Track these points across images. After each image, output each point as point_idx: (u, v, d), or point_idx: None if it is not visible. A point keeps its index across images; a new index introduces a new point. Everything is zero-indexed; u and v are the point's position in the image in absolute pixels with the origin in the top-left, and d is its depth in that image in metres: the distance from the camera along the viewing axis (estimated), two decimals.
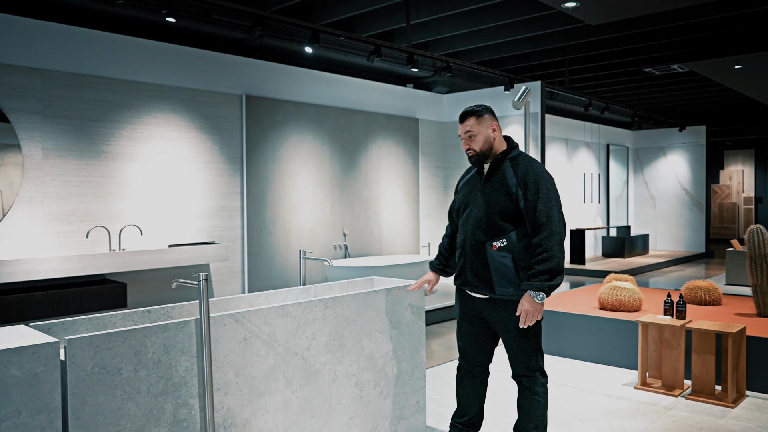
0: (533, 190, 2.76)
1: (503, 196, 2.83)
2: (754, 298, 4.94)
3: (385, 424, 3.20)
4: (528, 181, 2.79)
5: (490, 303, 2.89)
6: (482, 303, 2.93)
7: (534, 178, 2.79)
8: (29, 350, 2.00)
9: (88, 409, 2.13)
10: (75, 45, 5.83)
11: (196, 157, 6.67)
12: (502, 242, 2.80)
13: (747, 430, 3.50)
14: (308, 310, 2.82)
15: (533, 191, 2.76)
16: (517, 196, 2.80)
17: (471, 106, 2.95)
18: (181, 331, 2.37)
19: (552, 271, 2.69)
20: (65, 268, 5.40)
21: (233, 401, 2.54)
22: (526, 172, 2.82)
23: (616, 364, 4.77)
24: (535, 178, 2.79)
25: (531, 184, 2.78)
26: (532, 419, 2.89)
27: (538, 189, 2.76)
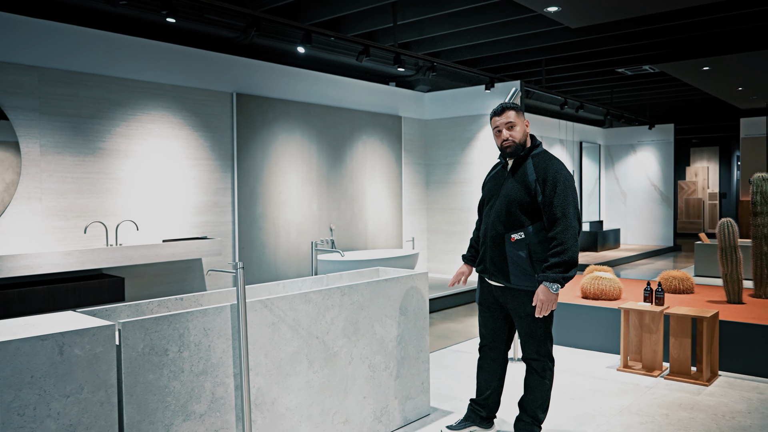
0: (551, 186, 2.97)
1: (523, 190, 3.04)
2: (725, 286, 5.31)
3: (395, 403, 3.44)
4: (547, 178, 3.00)
5: (505, 291, 3.13)
6: (499, 290, 3.17)
7: (552, 174, 3.00)
8: (90, 332, 2.19)
9: (139, 387, 2.33)
10: (71, 43, 5.92)
11: (189, 153, 6.81)
12: (520, 235, 3.02)
13: (721, 404, 3.82)
14: (328, 297, 3.04)
15: (551, 187, 2.97)
16: (536, 191, 3.00)
17: (506, 102, 3.19)
18: (218, 315, 2.58)
19: (566, 264, 2.91)
20: (65, 262, 5.51)
21: (263, 381, 2.75)
22: (545, 168, 3.03)
23: (598, 348, 5.08)
24: (553, 175, 3.00)
25: (549, 181, 2.99)
26: (537, 399, 3.14)
27: (556, 185, 2.97)
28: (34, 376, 2.06)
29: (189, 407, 2.48)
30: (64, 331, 2.13)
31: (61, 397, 2.11)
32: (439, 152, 9.82)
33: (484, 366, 3.36)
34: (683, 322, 4.32)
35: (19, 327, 2.19)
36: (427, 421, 3.58)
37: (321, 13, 7.51)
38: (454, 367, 4.68)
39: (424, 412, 3.65)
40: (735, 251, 5.27)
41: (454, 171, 9.64)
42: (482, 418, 3.37)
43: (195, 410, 2.50)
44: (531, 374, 3.17)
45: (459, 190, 9.58)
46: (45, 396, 2.08)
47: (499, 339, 3.30)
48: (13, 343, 2.01)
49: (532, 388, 3.16)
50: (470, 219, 9.41)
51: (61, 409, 2.11)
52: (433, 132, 9.90)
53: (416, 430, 3.45)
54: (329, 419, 3.07)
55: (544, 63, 10.31)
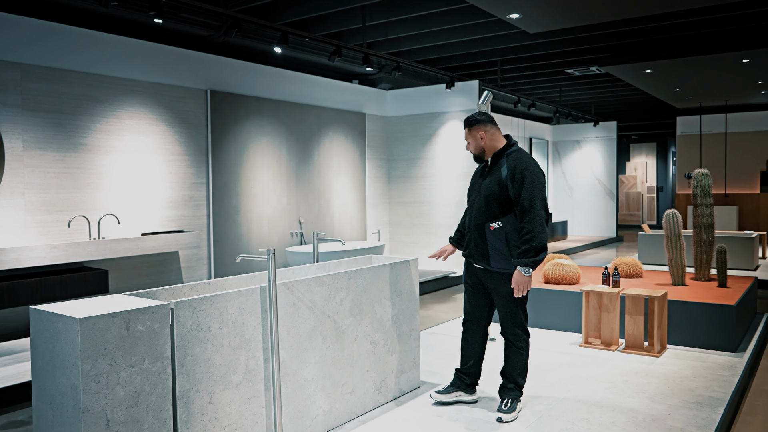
0: (519, 181, 3.42)
1: (497, 186, 3.50)
2: (670, 270, 5.92)
3: (391, 376, 3.83)
4: (516, 174, 3.45)
5: (486, 273, 3.59)
6: (481, 272, 3.63)
7: (521, 170, 3.44)
8: (150, 310, 2.49)
9: (188, 359, 2.64)
10: (52, 40, 6.03)
11: (165, 149, 6.99)
12: (498, 224, 3.48)
13: (671, 371, 4.37)
14: (337, 280, 3.40)
15: (519, 181, 3.42)
16: (507, 186, 3.45)
17: (468, 117, 3.67)
18: (250, 297, 2.90)
19: (535, 249, 3.38)
20: (52, 255, 5.66)
21: (286, 355, 3.10)
22: (516, 165, 3.47)
23: (561, 328, 5.61)
24: (521, 171, 3.44)
25: (518, 176, 3.44)
26: (516, 367, 3.62)
27: (523, 179, 3.42)
28: (107, 348, 2.35)
29: (227, 377, 2.80)
30: (130, 309, 2.42)
31: (127, 366, 2.41)
32: (401, 148, 10.23)
33: (467, 339, 3.81)
34: (637, 301, 4.87)
35: (86, 306, 2.46)
36: (418, 392, 3.99)
37: (291, 13, 7.80)
38: (434, 347, 5.11)
39: (416, 384, 4.06)
40: (679, 239, 5.88)
41: (415, 166, 10.07)
42: (467, 384, 3.81)
43: (232, 380, 2.82)
44: (509, 347, 3.63)
45: (420, 184, 10.02)
46: (115, 366, 2.37)
47: (481, 315, 3.76)
48: (91, 319, 2.30)
49: (511, 358, 3.63)
50: (431, 212, 9.87)
51: (128, 377, 2.41)
52: (395, 128, 10.30)
53: (409, 400, 3.85)
54: (339, 390, 3.43)
55: (500, 63, 10.85)
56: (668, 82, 11.76)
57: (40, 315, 2.43)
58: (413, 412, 3.65)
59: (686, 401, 3.79)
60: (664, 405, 3.72)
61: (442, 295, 8.10)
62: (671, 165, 20.98)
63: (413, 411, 3.67)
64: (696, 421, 3.48)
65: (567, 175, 15.64)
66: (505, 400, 3.59)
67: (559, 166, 15.75)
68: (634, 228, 19.13)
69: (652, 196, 20.15)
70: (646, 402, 3.78)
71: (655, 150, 20.58)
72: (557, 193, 15.78)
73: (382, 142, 10.34)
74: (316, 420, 3.28)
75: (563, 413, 3.61)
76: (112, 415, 2.36)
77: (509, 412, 3.52)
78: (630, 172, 20.55)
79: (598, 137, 15.24)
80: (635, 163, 20.54)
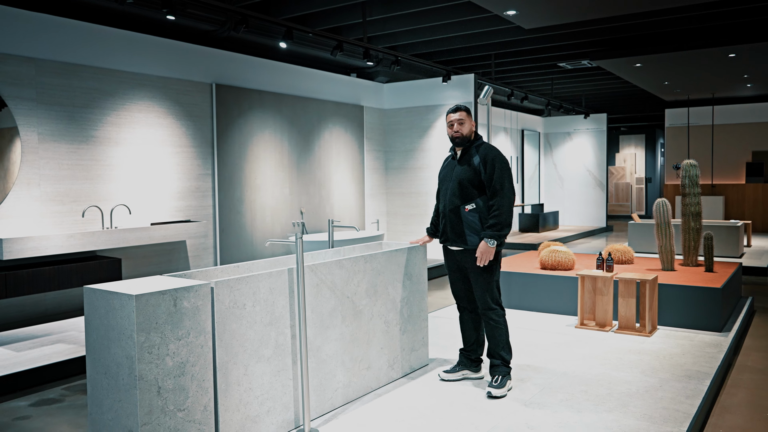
0: (491, 166, 3.84)
1: (471, 171, 3.89)
2: (660, 256, 6.23)
3: (403, 354, 4.10)
4: (487, 160, 3.86)
5: (464, 253, 3.90)
6: (459, 254, 3.94)
7: (492, 158, 3.86)
8: (194, 289, 2.74)
9: (227, 334, 2.89)
10: (65, 36, 6.22)
11: (173, 141, 7.21)
12: (472, 205, 3.86)
13: (661, 350, 4.68)
14: (355, 263, 3.66)
15: (491, 167, 3.84)
16: (480, 171, 3.85)
17: (464, 103, 4.03)
18: (279, 278, 3.16)
19: (501, 224, 3.76)
20: (68, 244, 5.87)
21: (310, 332, 3.36)
22: (486, 154, 3.89)
23: (557, 311, 5.90)
24: (492, 158, 3.86)
25: (489, 162, 3.85)
26: (499, 342, 3.89)
27: (494, 165, 3.83)
28: (158, 322, 2.60)
29: (260, 351, 3.06)
30: (177, 288, 2.67)
31: (175, 339, 2.66)
32: (398, 140, 10.48)
33: (464, 320, 4.12)
34: (629, 285, 5.16)
35: (136, 285, 2.71)
36: (427, 369, 4.26)
37: (293, 8, 8.01)
38: (439, 328, 5.39)
39: (425, 362, 4.33)
40: (668, 227, 6.19)
41: (412, 157, 10.33)
42: (471, 360, 4.09)
43: (264, 354, 3.08)
44: (488, 323, 3.91)
45: (417, 175, 10.28)
46: (165, 339, 2.62)
47: (470, 296, 4.05)
48: (145, 296, 2.54)
49: (491, 336, 3.91)
50: (427, 203, 10.14)
51: (176, 349, 2.66)
52: (392, 121, 10.54)
53: (420, 376, 4.12)
54: (357, 365, 3.70)
55: (494, 57, 11.11)
56: (657, 76, 12.08)
57: (94, 293, 2.67)
58: (424, 386, 3.92)
59: (676, 375, 4.09)
60: (655, 378, 4.02)
61: (440, 282, 8.38)
62: (659, 156, 21.38)
63: (424, 385, 3.94)
64: (685, 392, 3.78)
65: (558, 166, 15.96)
66: (495, 377, 3.84)
67: (550, 158, 16.06)
68: (624, 218, 19.52)
69: (640, 187, 20.54)
70: (639, 376, 4.07)
71: (643, 142, 20.95)
72: (548, 184, 16.10)
73: (380, 134, 10.59)
74: (336, 393, 3.55)
75: (563, 386, 3.90)
76: (163, 383, 2.61)
77: (499, 388, 3.76)
78: (619, 164, 20.92)
79: (589, 129, 15.56)
80: (624, 155, 20.91)
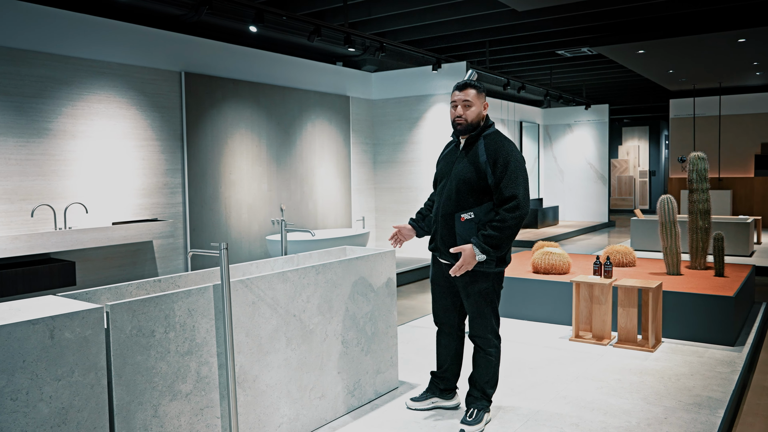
0: (502, 167, 3.00)
1: (473, 171, 3.06)
2: (665, 258, 5.66)
3: (366, 377, 3.55)
4: (498, 159, 3.02)
5: None
6: (449, 269, 3.20)
7: (504, 156, 3.02)
8: (79, 315, 2.19)
9: (128, 368, 2.34)
10: (11, 18, 5.67)
11: (137, 134, 6.65)
12: (469, 215, 3.04)
13: (666, 368, 4.12)
14: (304, 276, 3.11)
15: (501, 168, 3.00)
16: (486, 172, 3.03)
17: (471, 80, 3.19)
18: (202, 296, 2.61)
19: (500, 240, 2.95)
20: (13, 247, 5.34)
21: (245, 359, 2.81)
22: (497, 149, 3.05)
23: (550, 320, 5.34)
24: (504, 156, 3.02)
25: (500, 162, 3.01)
26: (484, 375, 3.23)
27: (507, 166, 3.00)
28: (26, 360, 2.05)
29: (175, 387, 2.51)
30: (55, 315, 2.12)
31: (52, 380, 2.11)
32: (387, 132, 9.91)
33: (441, 341, 3.46)
34: (630, 293, 4.60)
35: (5, 312, 2.16)
36: (396, 393, 3.71)
37: None
38: (416, 341, 4.84)
39: (393, 385, 3.78)
40: (674, 226, 5.61)
41: (401, 150, 9.76)
42: (441, 390, 3.46)
43: (181, 390, 2.53)
44: (477, 351, 3.25)
45: (407, 169, 9.71)
46: (37, 380, 2.07)
47: (451, 316, 3.36)
48: (5, 328, 1.99)
49: (479, 365, 3.25)
50: (418, 198, 9.57)
51: (53, 392, 2.12)
52: (380, 112, 9.97)
53: (386, 403, 3.57)
54: (307, 395, 3.15)
55: (488, 44, 10.51)
56: (661, 64, 11.46)
57: None
58: (389, 417, 3.37)
59: (683, 402, 3.53)
60: (659, 407, 3.46)
61: (427, 284, 7.82)
62: (664, 149, 20.74)
63: (389, 415, 3.39)
64: (694, 425, 3.21)
65: (558, 160, 15.36)
66: (471, 410, 3.23)
67: (550, 150, 15.46)
68: (626, 213, 18.92)
69: (644, 181, 19.92)
70: (640, 404, 3.51)
71: (647, 134, 20.32)
72: (548, 178, 15.50)
73: (367, 126, 10.02)
74: (280, 428, 3.00)
75: (551, 417, 3.34)
76: None
77: (473, 424, 3.15)
78: (622, 156, 20.30)
79: (590, 121, 14.95)
80: (627, 147, 20.28)
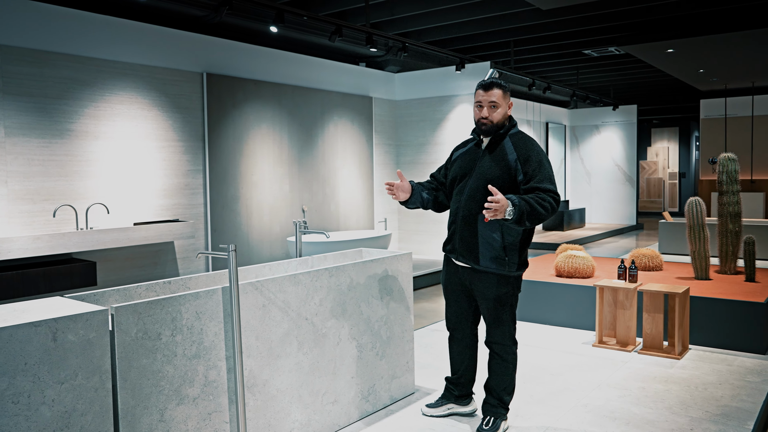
0: (535, 165, 2.95)
1: (502, 170, 2.98)
2: (693, 263, 5.48)
3: (381, 383, 3.47)
4: (530, 157, 2.97)
5: (473, 273, 3.07)
6: (466, 272, 3.11)
7: (536, 154, 2.99)
8: (83, 317, 2.15)
9: (133, 372, 2.30)
10: (35, 20, 5.72)
11: (159, 135, 6.67)
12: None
13: (693, 377, 3.97)
14: (316, 278, 3.04)
15: (535, 166, 2.94)
16: (516, 170, 2.96)
17: (496, 78, 3.11)
18: (210, 298, 2.56)
19: (534, 212, 2.80)
20: (35, 247, 5.38)
21: (254, 363, 2.75)
22: (527, 148, 3.00)
23: (572, 325, 5.20)
24: (537, 155, 2.99)
25: (533, 159, 2.96)
26: (501, 382, 3.13)
27: (541, 164, 2.96)
28: (28, 363, 2.02)
29: (182, 391, 2.46)
30: (58, 317, 2.09)
31: (55, 383, 2.08)
32: (410, 133, 9.83)
33: (453, 347, 3.36)
34: (656, 298, 4.45)
35: (9, 313, 2.14)
36: (412, 399, 3.63)
37: None
38: (435, 345, 4.75)
39: (409, 390, 3.70)
40: (703, 229, 5.43)
41: (424, 152, 9.68)
42: (456, 396, 3.37)
43: (188, 394, 2.48)
44: (493, 358, 3.15)
45: (430, 170, 9.61)
46: (39, 383, 2.04)
47: (465, 322, 3.27)
48: (6, 330, 1.96)
49: (495, 372, 3.15)
50: None
51: (56, 396, 2.08)
52: (403, 113, 9.90)
53: (402, 409, 3.49)
54: (319, 400, 3.08)
55: (513, 44, 10.37)
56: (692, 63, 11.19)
57: None
58: (404, 423, 3.29)
59: (710, 413, 3.39)
60: (685, 417, 3.33)
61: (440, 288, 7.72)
62: (694, 150, 20.28)
63: (404, 421, 3.31)
64: None
65: (585, 161, 15.11)
66: (487, 418, 3.13)
67: (576, 152, 15.21)
68: (655, 215, 18.55)
69: (674, 183, 19.51)
70: (665, 413, 3.38)
71: (677, 135, 19.90)
72: (574, 180, 15.25)
73: (390, 127, 9.95)
74: None
75: (570, 427, 3.23)
76: None
77: None
78: (651, 158, 19.91)
79: (618, 122, 14.68)
80: (656, 149, 19.88)
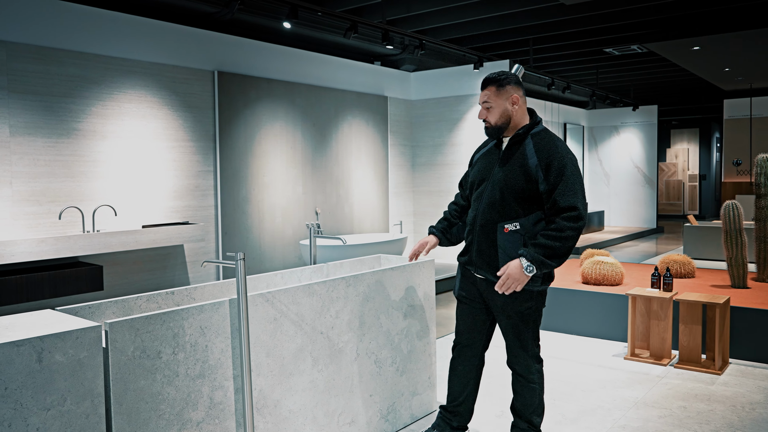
0: (557, 173, 2.58)
1: (521, 176, 2.63)
2: (729, 270, 5.17)
3: (401, 400, 3.22)
4: (552, 163, 2.59)
5: (492, 285, 2.73)
6: (484, 284, 2.78)
7: (559, 159, 2.59)
8: (72, 335, 1.92)
9: (129, 395, 2.07)
10: (41, 16, 5.53)
11: (168, 135, 6.47)
12: (515, 225, 2.62)
13: (737, 395, 3.68)
14: (332, 288, 2.80)
15: (557, 173, 2.57)
16: (537, 177, 2.60)
17: (494, 73, 2.76)
18: (216, 312, 2.32)
19: (554, 251, 2.52)
20: (39, 250, 5.18)
21: (265, 382, 2.51)
22: (550, 152, 2.62)
23: (601, 336, 4.92)
24: (560, 160, 2.59)
25: (555, 166, 2.58)
26: (530, 404, 2.79)
27: (563, 171, 2.58)
28: (9, 387, 1.78)
29: (185, 415, 2.23)
30: (43, 335, 1.85)
31: (40, 410, 1.85)
32: (426, 133, 9.57)
33: (457, 367, 2.97)
34: (694, 308, 4.16)
35: None
36: (434, 417, 3.37)
37: None
38: None
39: (431, 408, 3.44)
40: (740, 234, 5.13)
41: (441, 153, 9.41)
42: (453, 428, 3.00)
43: (192, 418, 2.25)
44: (517, 379, 2.81)
45: (446, 172, 9.36)
46: (21, 410, 1.81)
47: (478, 337, 2.90)
48: None
49: (521, 394, 2.81)
50: None
51: (41, 424, 1.85)
52: (419, 113, 9.64)
53: (423, 428, 3.23)
54: (335, 420, 2.84)
55: (532, 42, 10.08)
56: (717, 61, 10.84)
57: None
58: None
59: None
60: None
61: None
62: (715, 152, 19.85)
63: None
64: None
65: (604, 163, 14.77)
66: None
67: (595, 153, 14.88)
68: (674, 218, 18.15)
69: (694, 185, 19.10)
70: None
71: (697, 136, 19.49)
72: (593, 182, 14.92)
73: (406, 127, 9.70)
74: None
75: None
76: None
77: None
78: (670, 159, 19.50)
79: (638, 122, 14.33)
80: (676, 150, 19.47)
